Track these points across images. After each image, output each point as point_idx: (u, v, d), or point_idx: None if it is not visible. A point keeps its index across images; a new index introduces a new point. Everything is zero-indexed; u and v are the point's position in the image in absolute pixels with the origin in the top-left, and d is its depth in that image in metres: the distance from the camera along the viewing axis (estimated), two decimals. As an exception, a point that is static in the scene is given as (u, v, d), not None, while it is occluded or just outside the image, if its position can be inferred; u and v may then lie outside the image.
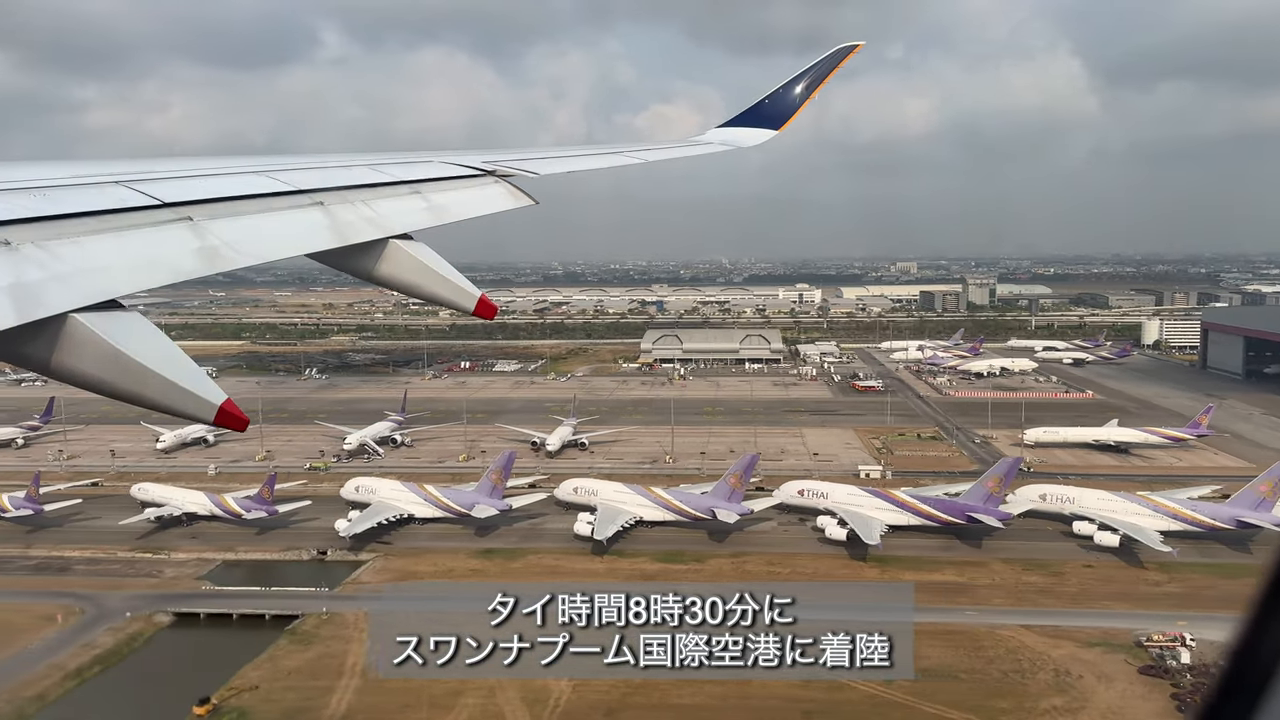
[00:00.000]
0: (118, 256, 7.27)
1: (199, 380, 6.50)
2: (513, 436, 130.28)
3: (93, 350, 6.27)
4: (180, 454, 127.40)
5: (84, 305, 6.37)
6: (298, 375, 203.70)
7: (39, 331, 6.17)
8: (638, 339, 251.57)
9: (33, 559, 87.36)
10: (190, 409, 6.45)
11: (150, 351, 6.41)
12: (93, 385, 6.40)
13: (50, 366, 6.32)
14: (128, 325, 6.51)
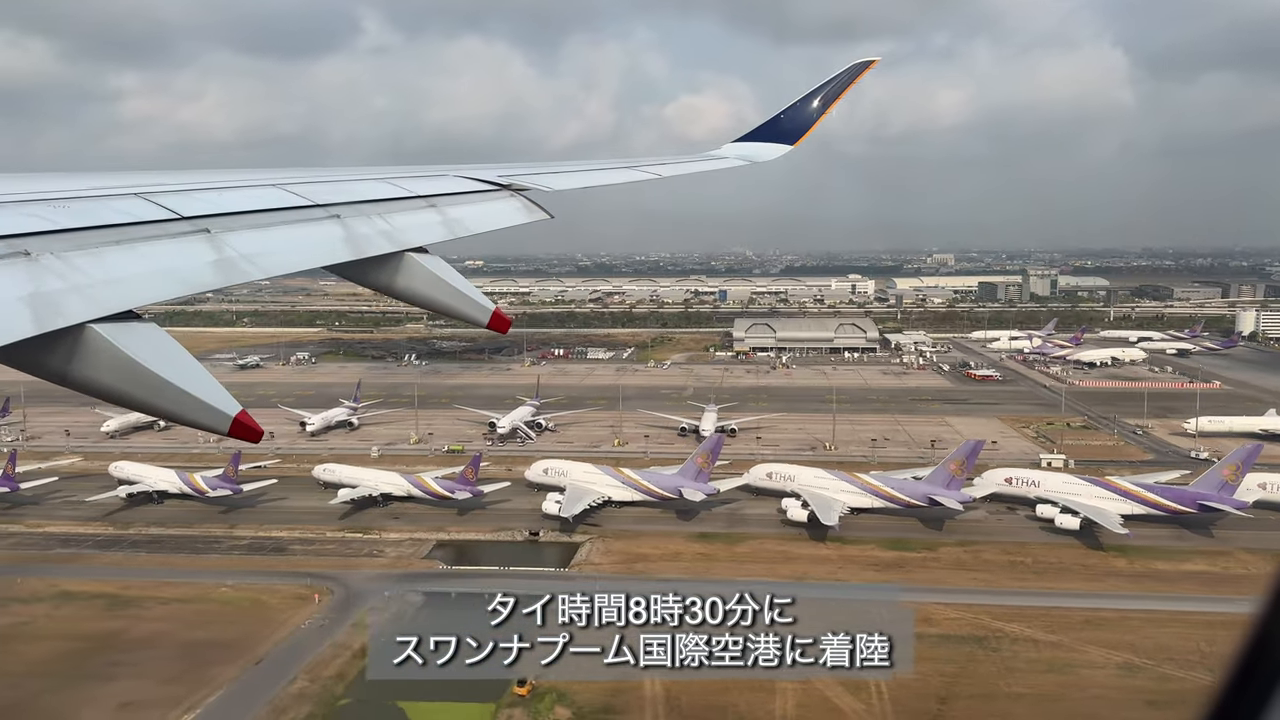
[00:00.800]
0: (135, 268, 7.31)
1: (215, 391, 6.51)
2: (659, 422, 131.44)
3: (109, 361, 6.29)
4: (330, 436, 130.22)
5: (101, 316, 6.39)
6: (398, 361, 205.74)
7: (56, 342, 6.19)
8: (709, 328, 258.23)
9: (242, 539, 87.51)
10: (206, 420, 6.45)
11: (166, 362, 6.42)
12: (109, 395, 6.42)
13: (67, 376, 6.34)
14: (144, 336, 6.53)
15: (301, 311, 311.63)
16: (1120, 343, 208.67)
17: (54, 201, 7.65)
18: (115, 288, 6.82)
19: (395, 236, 10.54)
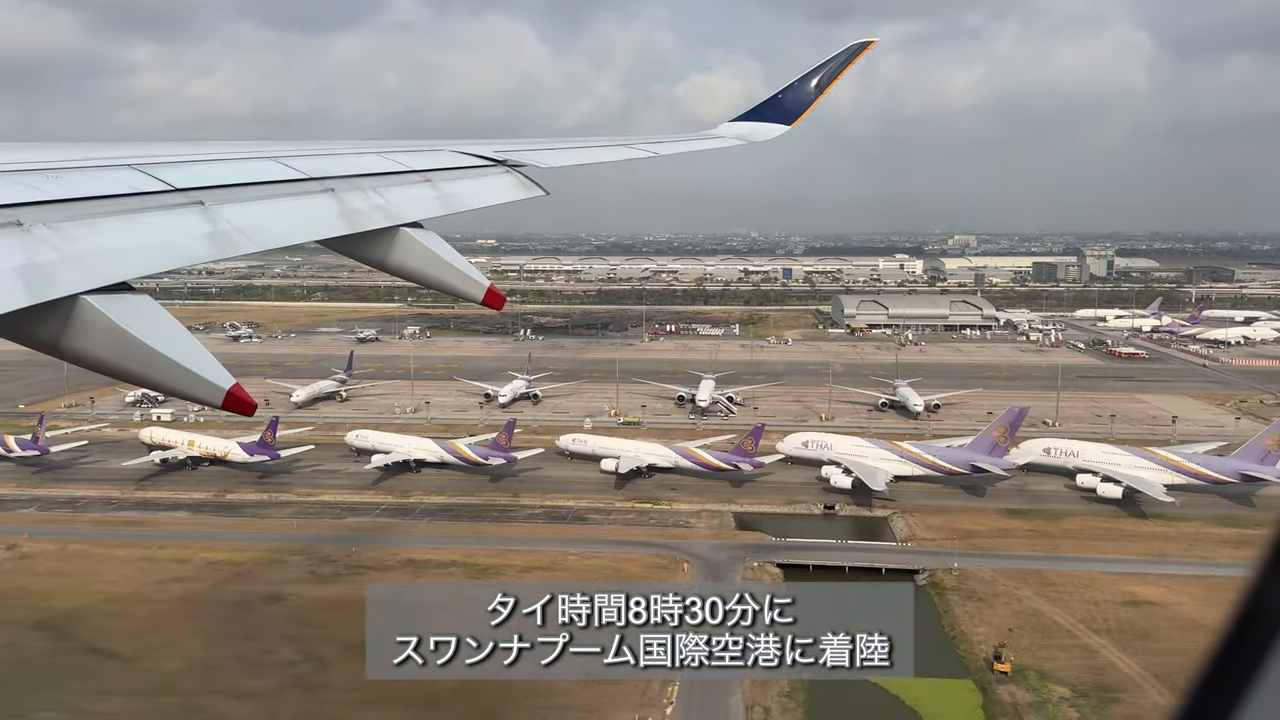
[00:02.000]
0: (129, 239, 7.28)
1: (208, 364, 6.52)
2: (853, 397, 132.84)
3: (101, 332, 6.29)
4: (521, 407, 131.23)
5: (94, 287, 6.39)
6: (512, 337, 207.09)
7: (49, 313, 6.18)
8: (788, 305, 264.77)
9: (534, 508, 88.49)
10: (199, 392, 6.47)
11: (160, 335, 6.43)
12: (101, 367, 6.42)
13: (59, 347, 6.35)
14: (137, 308, 6.53)
15: (380, 287, 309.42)
16: (1224, 322, 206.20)
17: (47, 172, 7.61)
18: (108, 259, 6.80)
19: (390, 211, 10.50)
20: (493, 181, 13.56)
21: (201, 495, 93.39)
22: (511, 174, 13.94)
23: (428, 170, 12.48)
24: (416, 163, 12.55)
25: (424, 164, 12.66)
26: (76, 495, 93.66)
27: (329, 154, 11.72)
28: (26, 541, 79.00)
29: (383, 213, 10.39)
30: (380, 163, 11.92)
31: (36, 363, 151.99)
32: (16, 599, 67.33)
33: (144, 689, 54.51)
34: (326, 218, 9.88)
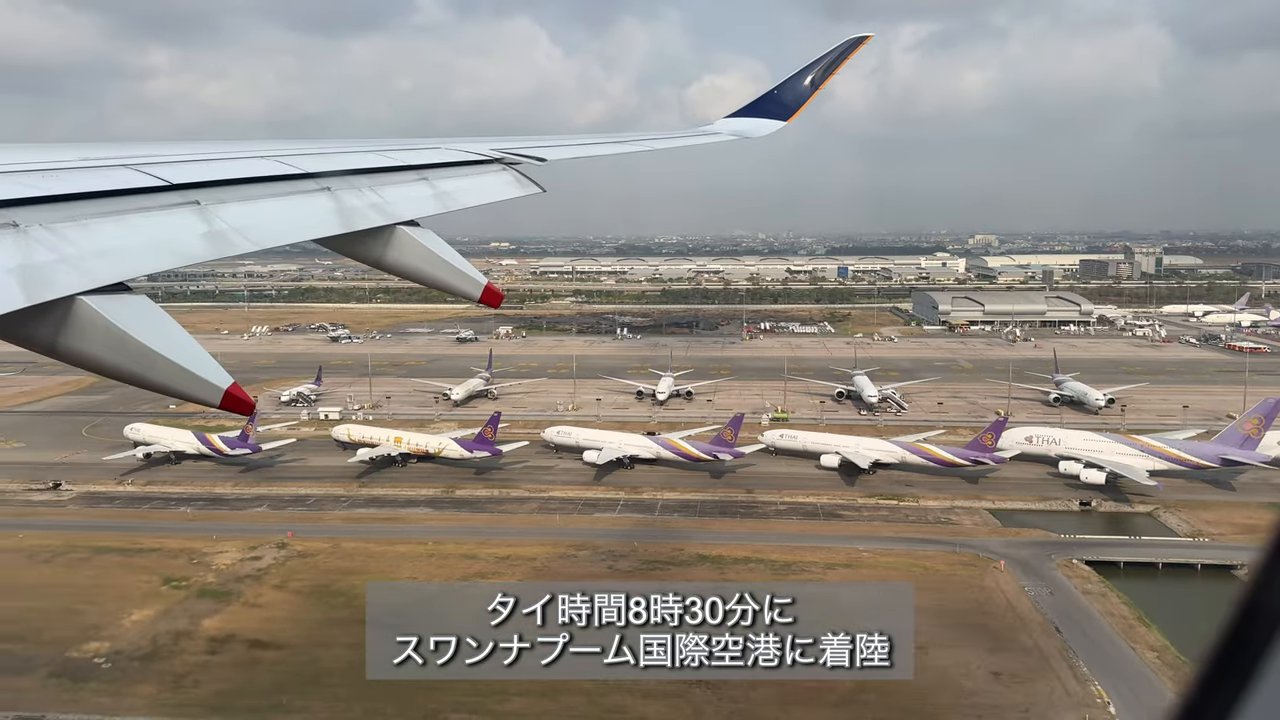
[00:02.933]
0: (125, 240, 7.29)
1: (205, 364, 6.53)
2: (1018, 393, 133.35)
3: (99, 333, 6.30)
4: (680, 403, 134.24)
5: (91, 288, 6.39)
6: (609, 337, 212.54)
7: (45, 313, 6.19)
8: (856, 303, 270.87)
9: (780, 504, 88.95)
10: (197, 392, 6.48)
11: (157, 335, 6.43)
12: (99, 368, 6.43)
13: (56, 349, 6.35)
14: (135, 308, 6.54)
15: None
16: None
17: (44, 172, 7.61)
18: (106, 259, 6.81)
19: (386, 209, 10.50)
20: (489, 179, 13.54)
21: (429, 491, 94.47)
22: (508, 171, 13.93)
23: (424, 167, 12.47)
24: (413, 160, 12.53)
25: (420, 161, 12.64)
26: (301, 493, 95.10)
27: (326, 152, 11.72)
28: (293, 540, 79.81)
29: (379, 211, 10.40)
30: (376, 160, 11.89)
31: None
32: (347, 596, 67.67)
33: (540, 689, 53.80)
34: (323, 216, 9.88)
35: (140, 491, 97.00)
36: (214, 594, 70.12)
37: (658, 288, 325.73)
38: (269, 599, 69.16)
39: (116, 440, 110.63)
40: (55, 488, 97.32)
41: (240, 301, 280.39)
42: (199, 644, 62.14)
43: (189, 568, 75.01)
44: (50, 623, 64.96)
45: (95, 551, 78.13)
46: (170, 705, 54.98)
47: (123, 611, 66.84)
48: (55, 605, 67.60)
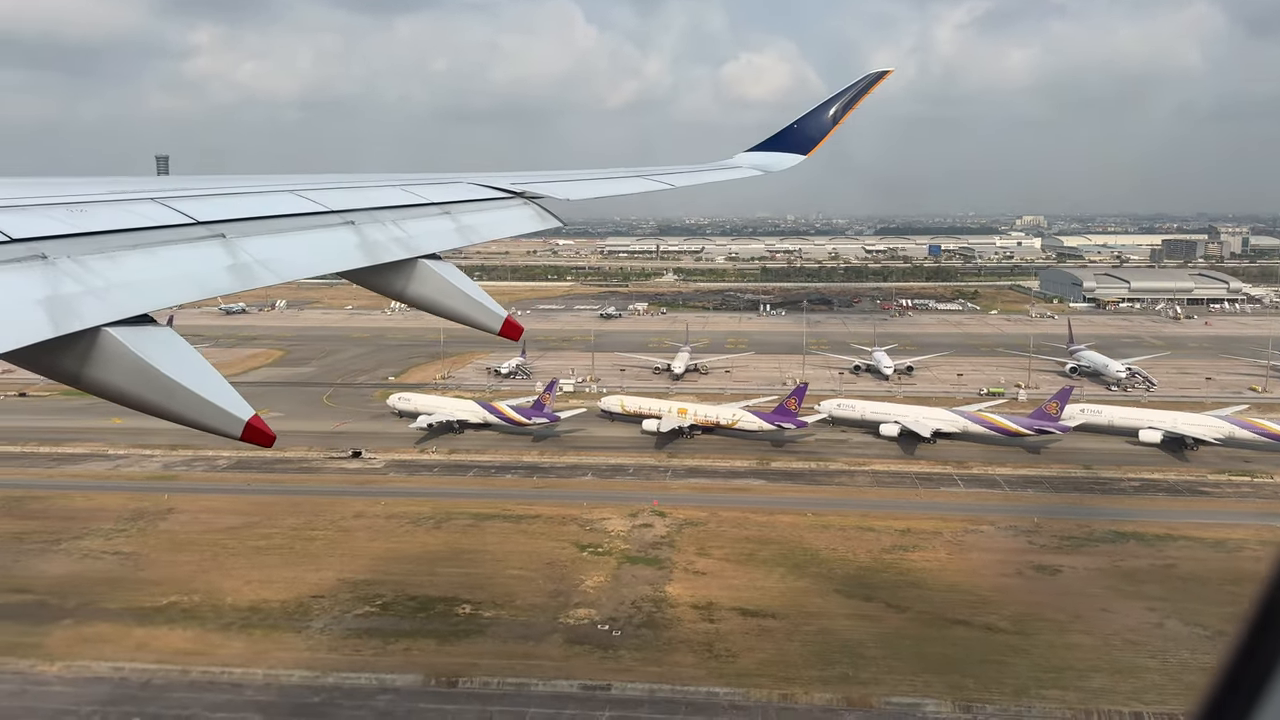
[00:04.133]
0: (151, 272, 7.35)
1: (228, 396, 6.53)
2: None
3: (124, 364, 6.32)
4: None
5: (117, 319, 6.43)
6: (753, 313, 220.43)
7: (72, 344, 6.22)
8: (967, 280, 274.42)
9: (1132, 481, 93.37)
10: (219, 424, 6.47)
11: (181, 367, 6.45)
12: (123, 398, 6.45)
13: (81, 379, 6.37)
14: (160, 340, 6.56)
15: (559, 266, 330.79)
16: None
17: (71, 205, 7.70)
18: (131, 291, 6.85)
19: (409, 243, 10.57)
20: (510, 214, 13.65)
21: (744, 463, 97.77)
22: (529, 206, 14.05)
23: (446, 203, 12.56)
24: (435, 195, 12.64)
25: (442, 196, 12.74)
26: (614, 462, 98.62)
27: (348, 187, 11.83)
28: (659, 508, 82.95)
29: (402, 245, 10.46)
30: (399, 195, 12.01)
31: (352, 340, 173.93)
32: (800, 565, 70.64)
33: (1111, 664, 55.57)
34: (347, 250, 9.95)
35: (448, 459, 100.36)
36: (644, 560, 72.17)
37: (752, 266, 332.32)
38: (705, 566, 71.04)
39: (373, 410, 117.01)
40: (357, 456, 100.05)
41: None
42: (685, 611, 63.51)
43: (588, 534, 77.67)
44: (508, 588, 66.88)
45: (475, 518, 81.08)
46: (731, 675, 55.51)
47: (573, 577, 69.00)
48: (489, 571, 69.68)
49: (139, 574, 70.12)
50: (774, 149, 23.90)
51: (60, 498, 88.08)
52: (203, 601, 65.43)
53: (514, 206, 13.87)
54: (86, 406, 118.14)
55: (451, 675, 56.14)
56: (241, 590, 67.14)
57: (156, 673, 56.43)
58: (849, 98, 23.60)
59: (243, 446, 25.94)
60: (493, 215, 13.27)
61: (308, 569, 70.76)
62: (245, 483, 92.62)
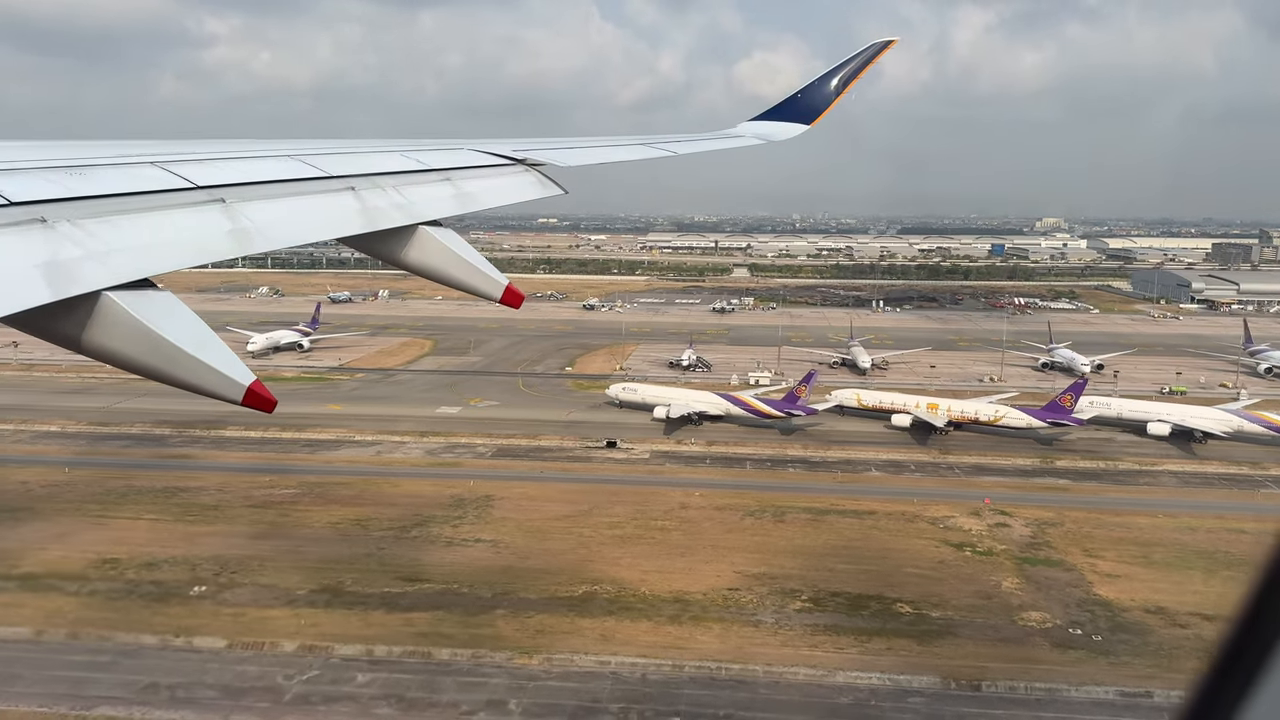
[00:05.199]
0: (151, 236, 7.33)
1: (229, 361, 6.53)
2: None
3: (125, 329, 6.32)
4: None
5: (117, 284, 6.42)
6: (866, 309, 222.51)
7: (72, 309, 6.22)
8: (1044, 281, 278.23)
9: None
10: (220, 389, 6.48)
11: (182, 331, 6.44)
12: (123, 363, 6.45)
13: (81, 344, 6.38)
14: (160, 305, 6.56)
15: (629, 262, 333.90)
16: None
17: (71, 169, 7.66)
18: (131, 256, 6.84)
19: (409, 209, 10.53)
20: (512, 180, 13.57)
21: (1026, 461, 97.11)
22: (530, 173, 13.96)
23: (447, 169, 12.50)
24: (436, 161, 12.57)
25: (443, 163, 12.67)
26: (884, 458, 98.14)
27: (349, 153, 11.77)
28: (993, 505, 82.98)
29: (402, 211, 10.43)
30: (400, 161, 11.94)
31: (490, 330, 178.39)
32: (1236, 569, 68.36)
33: None
34: (346, 216, 9.91)
35: (710, 450, 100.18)
36: (1042, 562, 71.28)
37: (821, 263, 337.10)
38: (1110, 568, 69.96)
39: (579, 399, 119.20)
40: (612, 445, 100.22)
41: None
42: (1144, 616, 62.19)
43: (948, 532, 77.28)
44: (924, 587, 66.07)
45: (812, 512, 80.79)
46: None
47: (982, 578, 68.03)
48: (883, 568, 68.88)
49: (526, 563, 69.04)
50: (777, 118, 23.72)
51: (363, 484, 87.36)
52: (622, 592, 64.40)
53: (516, 173, 13.80)
54: (289, 392, 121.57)
55: (950, 676, 54.83)
56: (648, 580, 66.07)
57: (648, 667, 55.11)
58: (853, 68, 23.40)
59: (494, 430, 68.25)
60: (494, 182, 13.21)
61: (693, 559, 69.87)
62: (536, 470, 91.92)
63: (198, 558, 70.00)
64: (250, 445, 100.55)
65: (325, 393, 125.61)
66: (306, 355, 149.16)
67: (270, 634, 58.44)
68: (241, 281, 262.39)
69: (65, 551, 70.37)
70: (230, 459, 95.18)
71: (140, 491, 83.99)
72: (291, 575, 66.89)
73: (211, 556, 69.96)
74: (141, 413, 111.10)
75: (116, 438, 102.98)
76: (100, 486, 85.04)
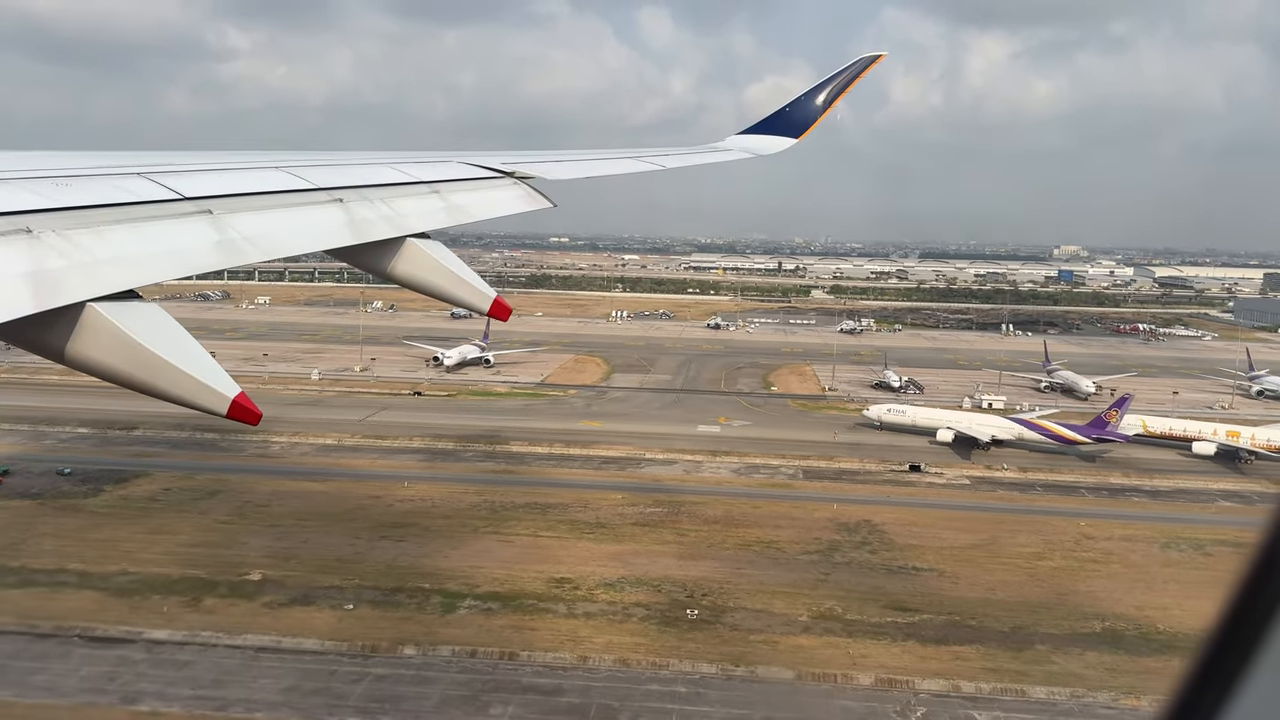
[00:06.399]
0: (137, 247, 7.31)
1: (214, 373, 6.51)
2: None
3: (109, 340, 6.29)
4: None
5: (103, 295, 6.39)
6: (994, 332, 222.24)
7: (56, 320, 6.19)
8: (1132, 307, 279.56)
9: None
10: (205, 401, 6.44)
11: (167, 344, 6.42)
12: (108, 375, 6.41)
13: (65, 355, 6.34)
14: (145, 316, 6.53)
15: (694, 281, 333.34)
16: None
17: (57, 179, 7.63)
18: (117, 267, 6.81)
19: (397, 222, 10.54)
20: (501, 193, 13.58)
21: None
22: (519, 185, 13.97)
23: (435, 181, 12.50)
24: (424, 174, 12.57)
25: (432, 175, 12.68)
26: (1223, 488, 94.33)
27: (337, 164, 11.77)
28: None
29: (390, 223, 10.43)
30: (388, 173, 11.94)
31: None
32: None
33: None
34: (334, 228, 9.90)
35: (1025, 477, 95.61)
36: None
37: (908, 285, 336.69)
38: None
39: (816, 419, 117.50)
40: (915, 469, 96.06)
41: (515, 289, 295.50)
42: None
43: None
44: None
45: (1173, 544, 76.74)
46: None
47: None
48: None
49: (996, 595, 65.49)
50: (765, 132, 23.80)
51: (721, 503, 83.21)
52: (1147, 629, 61.39)
53: (504, 186, 13.81)
54: (521, 408, 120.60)
55: None
56: (1171, 616, 62.40)
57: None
58: (841, 82, 23.51)
59: (777, 450, 76.80)
60: (483, 195, 13.21)
61: (1166, 595, 66.44)
62: (876, 494, 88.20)
63: (681, 580, 65.87)
64: (550, 460, 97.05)
65: (560, 409, 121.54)
66: (496, 371, 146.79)
67: (833, 665, 54.96)
68: (292, 295, 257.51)
69: (506, 571, 66.37)
70: (560, 475, 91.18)
71: (507, 508, 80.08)
72: (775, 600, 63.11)
73: (696, 579, 66.03)
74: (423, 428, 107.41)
75: (445, 454, 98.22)
76: (459, 502, 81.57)
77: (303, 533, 73.38)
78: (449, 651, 55.39)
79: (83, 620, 57.80)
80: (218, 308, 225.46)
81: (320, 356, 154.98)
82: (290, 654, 55.01)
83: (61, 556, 66.91)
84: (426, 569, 66.87)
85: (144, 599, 61.13)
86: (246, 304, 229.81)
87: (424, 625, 58.54)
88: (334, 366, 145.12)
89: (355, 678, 52.52)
